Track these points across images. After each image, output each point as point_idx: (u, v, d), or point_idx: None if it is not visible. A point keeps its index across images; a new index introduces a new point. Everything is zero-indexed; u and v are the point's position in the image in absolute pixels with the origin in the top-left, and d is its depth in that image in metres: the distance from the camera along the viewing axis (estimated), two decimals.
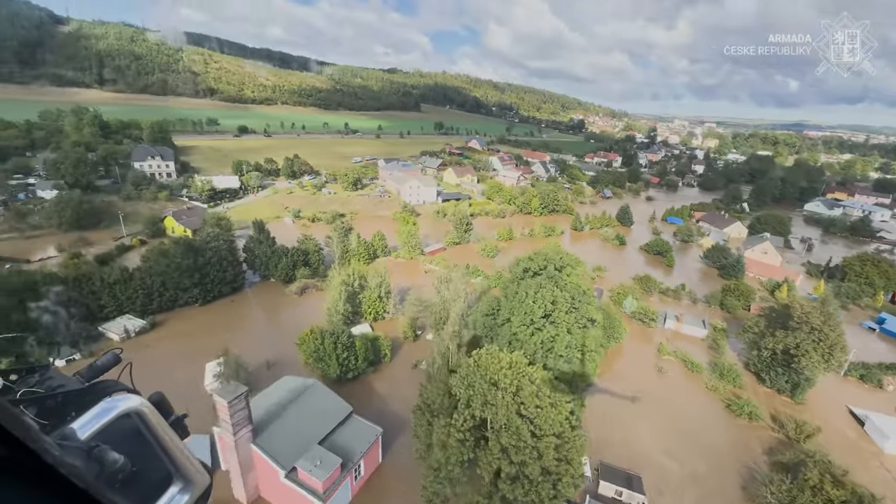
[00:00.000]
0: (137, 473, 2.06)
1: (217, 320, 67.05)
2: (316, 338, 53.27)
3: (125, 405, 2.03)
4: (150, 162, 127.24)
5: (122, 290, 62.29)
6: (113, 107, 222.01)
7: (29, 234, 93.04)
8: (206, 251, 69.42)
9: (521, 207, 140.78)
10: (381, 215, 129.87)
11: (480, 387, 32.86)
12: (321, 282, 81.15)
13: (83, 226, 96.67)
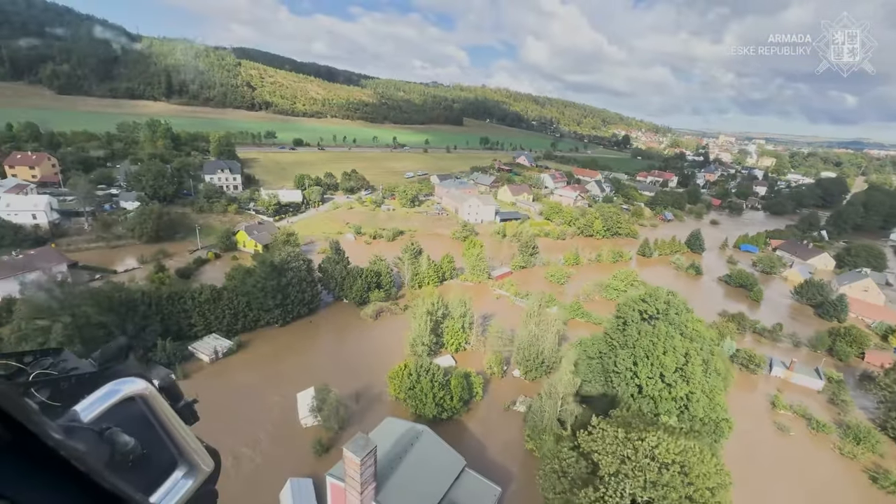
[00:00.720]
0: (148, 456, 2.11)
1: (298, 343, 66.12)
2: (410, 374, 50.84)
3: (129, 388, 2.03)
4: (219, 175, 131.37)
5: (210, 310, 62.39)
6: (179, 119, 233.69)
7: (114, 243, 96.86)
8: (287, 271, 69.01)
9: (581, 229, 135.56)
10: (439, 233, 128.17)
11: (638, 462, 28.93)
12: (393, 305, 79.43)
13: (161, 237, 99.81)
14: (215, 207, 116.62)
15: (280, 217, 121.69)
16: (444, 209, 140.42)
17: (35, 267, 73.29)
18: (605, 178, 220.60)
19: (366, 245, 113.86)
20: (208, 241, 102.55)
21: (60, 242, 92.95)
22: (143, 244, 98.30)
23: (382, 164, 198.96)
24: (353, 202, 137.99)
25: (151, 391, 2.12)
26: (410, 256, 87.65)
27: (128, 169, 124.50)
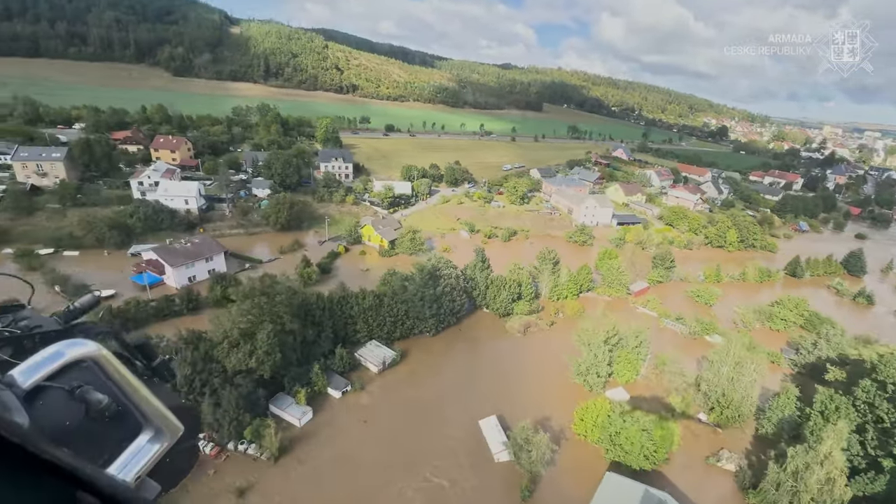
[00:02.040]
0: (124, 412, 2.03)
1: (454, 356, 63.99)
2: (608, 414, 46.25)
3: (76, 351, 1.85)
4: (333, 163, 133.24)
5: (373, 316, 61.58)
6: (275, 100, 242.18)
7: (251, 230, 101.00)
8: (440, 278, 66.68)
9: (710, 239, 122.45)
10: (553, 235, 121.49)
11: None
12: (538, 318, 75.11)
13: (290, 226, 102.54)
14: (334, 197, 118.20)
15: (393, 210, 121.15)
16: (556, 208, 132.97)
17: (203, 255, 77.18)
18: (716, 177, 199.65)
19: (481, 245, 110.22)
20: (332, 231, 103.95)
21: (207, 228, 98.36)
22: (276, 232, 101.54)
23: (476, 155, 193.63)
24: (460, 196, 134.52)
25: (103, 353, 1.95)
26: (549, 266, 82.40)
27: (254, 156, 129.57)
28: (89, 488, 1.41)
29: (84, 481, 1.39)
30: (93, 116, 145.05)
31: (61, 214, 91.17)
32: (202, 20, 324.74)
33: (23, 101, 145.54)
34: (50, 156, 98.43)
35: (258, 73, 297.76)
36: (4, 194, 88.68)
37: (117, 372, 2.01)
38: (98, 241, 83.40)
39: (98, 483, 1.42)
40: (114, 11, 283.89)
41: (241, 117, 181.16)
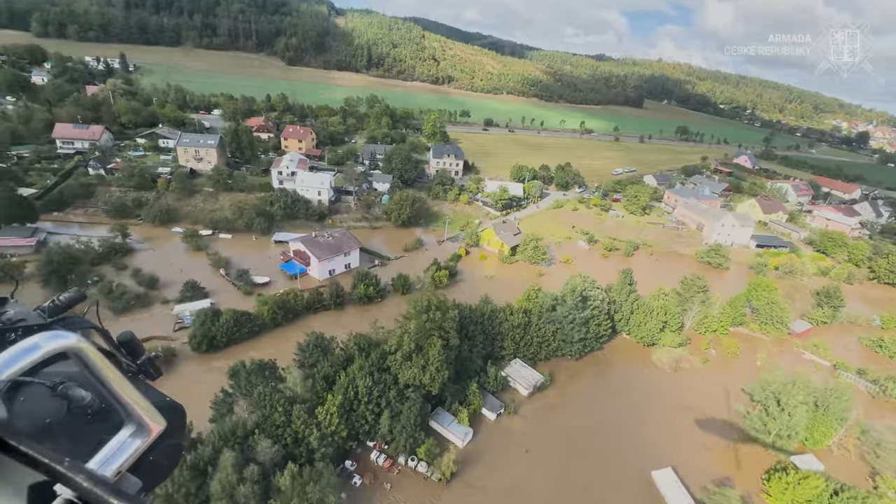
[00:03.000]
0: (107, 410, 2.02)
1: (604, 385, 59.74)
2: (816, 494, 39.40)
3: (54, 343, 1.80)
4: (445, 159, 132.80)
5: (520, 335, 59.08)
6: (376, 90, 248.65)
7: (374, 224, 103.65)
8: (589, 300, 62.30)
9: (879, 274, 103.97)
10: (680, 252, 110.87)
11: None
12: (685, 351, 68.04)
13: (409, 223, 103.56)
14: (448, 195, 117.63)
15: (506, 212, 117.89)
16: (682, 223, 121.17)
17: (343, 249, 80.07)
18: (869, 195, 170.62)
19: (602, 258, 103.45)
20: (449, 231, 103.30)
21: (335, 219, 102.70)
22: (396, 228, 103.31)
23: (580, 156, 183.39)
24: (574, 202, 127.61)
25: (84, 346, 1.91)
26: (696, 293, 74.20)
27: (372, 149, 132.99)
28: (67, 482, 1.42)
29: (62, 474, 1.41)
30: (229, 105, 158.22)
31: (214, 198, 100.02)
32: (311, 12, 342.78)
33: (175, 90, 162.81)
34: (206, 143, 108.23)
35: (361, 63, 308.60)
36: (172, 177, 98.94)
37: (98, 365, 1.96)
38: (247, 225, 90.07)
39: (76, 476, 1.43)
40: (240, 4, 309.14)
41: (352, 108, 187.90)
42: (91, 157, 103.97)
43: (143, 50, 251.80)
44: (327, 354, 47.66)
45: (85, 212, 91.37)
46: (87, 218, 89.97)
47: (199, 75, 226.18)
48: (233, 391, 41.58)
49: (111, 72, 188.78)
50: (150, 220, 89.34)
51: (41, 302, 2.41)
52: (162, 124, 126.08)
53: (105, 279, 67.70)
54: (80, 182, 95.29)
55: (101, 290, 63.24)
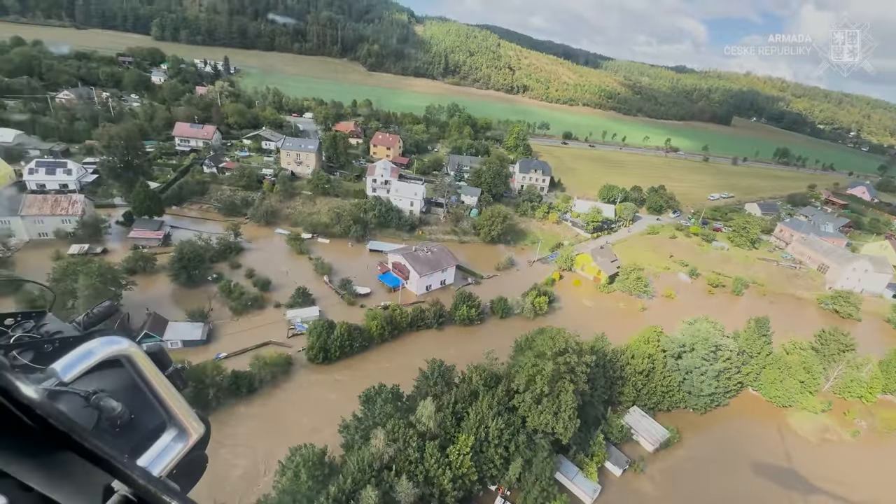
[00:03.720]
0: (136, 422, 2.12)
1: (739, 450, 53.25)
2: None
3: (113, 348, 1.93)
4: (531, 174, 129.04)
5: (643, 382, 54.10)
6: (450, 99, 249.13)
7: (462, 238, 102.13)
8: (720, 350, 55.91)
9: None
10: (797, 296, 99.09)
11: None
12: (831, 420, 59.34)
13: (496, 239, 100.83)
14: (536, 213, 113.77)
15: (596, 234, 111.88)
16: (800, 261, 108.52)
17: (441, 265, 79.01)
18: None
19: (707, 294, 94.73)
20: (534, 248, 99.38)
21: (425, 231, 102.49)
22: (483, 244, 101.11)
23: (670, 176, 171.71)
24: (671, 228, 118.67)
25: (137, 351, 2.03)
26: (838, 350, 64.79)
27: (459, 161, 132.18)
28: (124, 478, 1.51)
29: (120, 471, 1.50)
30: (321, 110, 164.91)
31: (312, 201, 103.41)
32: (393, 20, 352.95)
33: (273, 93, 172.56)
34: (306, 147, 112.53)
35: (438, 70, 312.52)
36: (276, 179, 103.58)
37: (148, 370, 2.07)
38: (344, 232, 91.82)
39: (132, 473, 1.53)
40: (328, 11, 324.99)
41: (433, 116, 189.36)
42: (206, 156, 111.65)
43: (242, 53, 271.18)
44: (451, 386, 45.78)
45: (200, 207, 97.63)
46: (200, 213, 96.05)
47: (290, 78, 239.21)
48: (365, 418, 40.72)
49: (218, 74, 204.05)
50: (256, 220, 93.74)
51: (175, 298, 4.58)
52: (265, 126, 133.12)
53: (224, 277, 71.17)
54: (196, 179, 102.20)
55: (222, 289, 66.31)
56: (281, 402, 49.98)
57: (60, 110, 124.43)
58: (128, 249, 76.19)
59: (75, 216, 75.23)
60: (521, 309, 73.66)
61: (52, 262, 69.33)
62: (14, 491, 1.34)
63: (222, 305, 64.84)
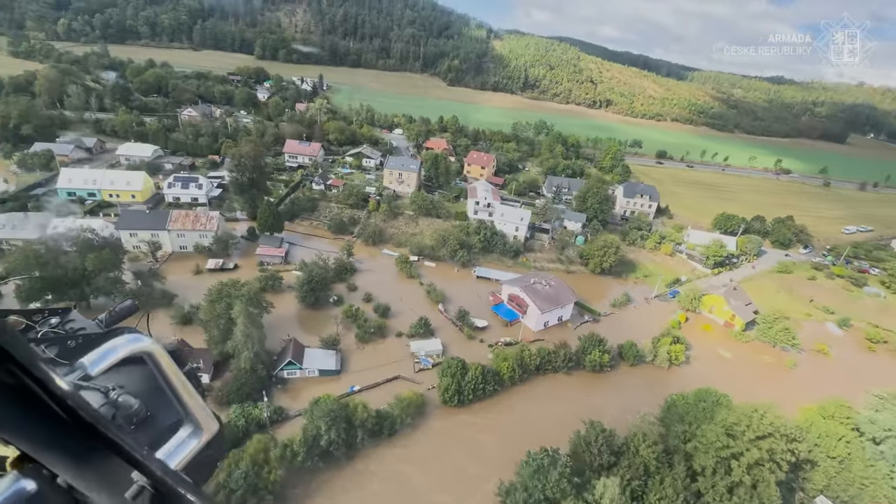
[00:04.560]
0: (152, 419, 2.22)
1: None
2: None
3: (138, 344, 2.04)
4: (637, 200, 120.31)
5: (836, 469, 45.21)
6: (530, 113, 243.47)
7: (568, 268, 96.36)
8: None
9: None
10: None
11: None
12: None
13: (605, 271, 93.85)
14: (647, 243, 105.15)
15: (718, 270, 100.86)
16: None
17: (561, 301, 74.24)
18: None
19: (868, 351, 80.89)
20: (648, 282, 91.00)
21: (529, 258, 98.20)
22: (591, 274, 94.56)
23: (788, 203, 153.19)
24: (806, 267, 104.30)
25: (159, 348, 2.13)
26: None
27: (558, 182, 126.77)
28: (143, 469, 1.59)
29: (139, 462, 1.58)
30: (412, 128, 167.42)
31: (415, 222, 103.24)
32: (472, 35, 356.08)
33: (366, 110, 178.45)
34: (408, 167, 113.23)
35: (517, 84, 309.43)
36: (381, 198, 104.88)
37: (169, 366, 2.15)
38: (450, 255, 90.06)
39: (152, 466, 1.61)
40: (411, 28, 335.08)
41: (520, 133, 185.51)
42: (314, 173, 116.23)
43: (331, 70, 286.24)
44: (617, 456, 40.65)
45: (310, 223, 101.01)
46: (310, 230, 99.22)
47: (376, 94, 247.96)
48: (533, 489, 36.82)
49: (316, 91, 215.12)
50: (363, 239, 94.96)
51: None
52: (366, 144, 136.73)
53: (343, 300, 71.67)
54: (306, 195, 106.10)
55: (346, 314, 66.39)
56: (430, 446, 47.72)
57: (188, 127, 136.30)
58: (254, 266, 79.91)
59: (212, 231, 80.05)
60: (652, 356, 66.63)
61: (193, 274, 74.73)
62: (41, 478, 1.42)
63: (346, 330, 64.78)
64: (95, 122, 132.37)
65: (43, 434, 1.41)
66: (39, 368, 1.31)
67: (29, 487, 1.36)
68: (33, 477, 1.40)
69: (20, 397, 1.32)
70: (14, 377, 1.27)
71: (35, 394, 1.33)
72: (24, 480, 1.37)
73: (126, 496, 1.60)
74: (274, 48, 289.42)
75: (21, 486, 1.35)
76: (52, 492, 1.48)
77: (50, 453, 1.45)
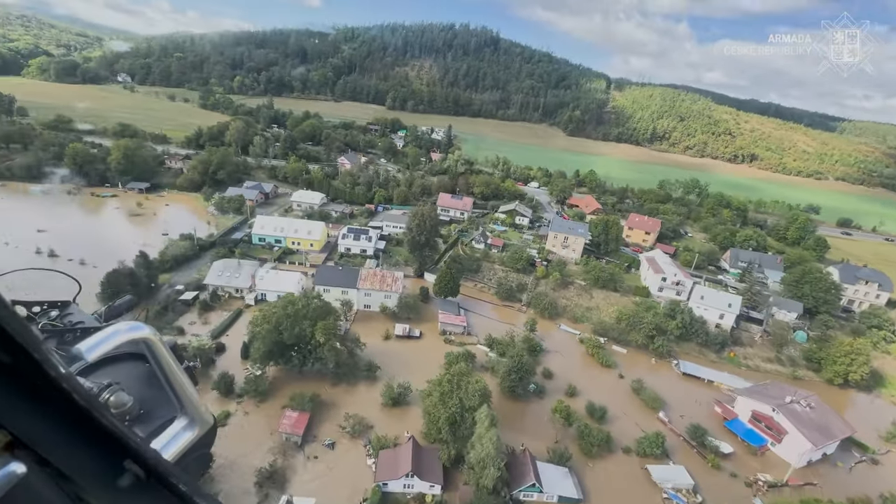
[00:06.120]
0: (146, 415, 2.22)
1: None
2: None
3: (134, 332, 2.00)
4: (861, 287, 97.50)
5: None
6: (660, 168, 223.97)
7: (791, 370, 77.86)
8: None
9: None
10: None
11: None
12: None
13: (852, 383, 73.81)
14: (891, 347, 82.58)
15: None
16: None
17: (833, 434, 57.75)
18: None
19: None
20: None
21: (737, 353, 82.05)
22: (828, 385, 75.09)
23: None
24: None
25: (157, 337, 2.10)
26: None
27: (755, 258, 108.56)
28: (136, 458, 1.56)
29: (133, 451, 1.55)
30: (550, 180, 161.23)
31: (588, 293, 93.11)
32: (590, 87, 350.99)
33: (503, 161, 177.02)
34: (576, 231, 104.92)
35: (644, 136, 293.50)
36: (549, 264, 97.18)
37: (166, 357, 2.14)
38: (644, 341, 77.70)
39: (146, 454, 1.58)
40: (530, 80, 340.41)
41: (665, 191, 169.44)
42: (471, 230, 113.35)
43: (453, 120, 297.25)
44: None
45: (474, 285, 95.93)
46: (475, 293, 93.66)
47: (500, 143, 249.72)
48: None
49: (450, 141, 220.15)
50: (535, 309, 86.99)
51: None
52: (518, 201, 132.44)
53: (542, 389, 62.95)
54: (468, 255, 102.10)
55: (558, 413, 57.19)
56: None
57: (346, 175, 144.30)
58: (436, 333, 75.41)
59: (396, 293, 77.90)
60: None
61: (382, 339, 71.92)
62: (32, 462, 1.39)
63: (560, 433, 55.37)
64: (270, 169, 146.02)
65: (35, 418, 1.39)
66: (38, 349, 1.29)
67: (19, 471, 1.32)
68: (24, 461, 1.36)
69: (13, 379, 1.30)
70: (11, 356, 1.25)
71: (28, 376, 1.31)
72: (15, 464, 1.33)
73: (119, 484, 1.58)
74: (403, 99, 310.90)
75: (11, 469, 1.30)
76: (43, 477, 1.44)
77: (42, 438, 1.42)
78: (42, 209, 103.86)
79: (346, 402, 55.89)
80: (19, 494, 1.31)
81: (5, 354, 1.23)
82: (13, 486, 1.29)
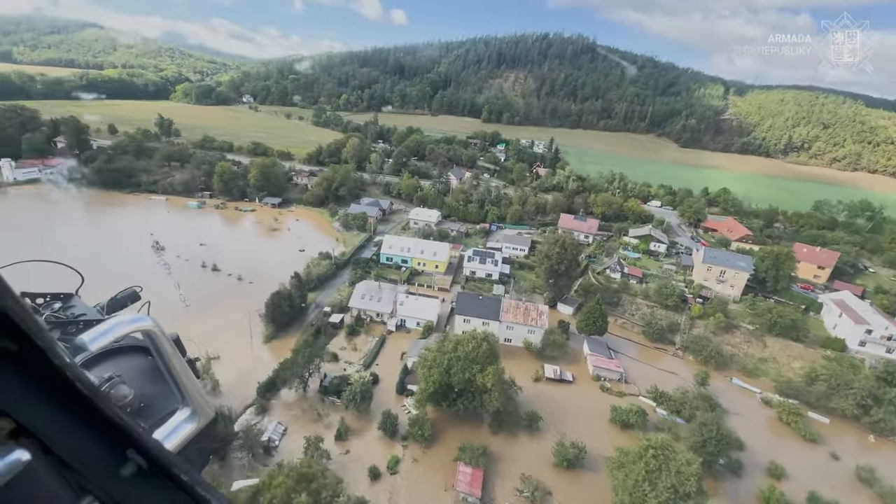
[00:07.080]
0: (146, 409, 2.24)
1: None
2: None
3: (137, 323, 2.03)
4: None
5: None
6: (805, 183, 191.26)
7: None
8: None
9: None
10: None
11: None
12: None
13: None
14: None
15: None
16: None
17: None
18: None
19: None
20: None
21: None
22: None
23: None
24: None
25: (160, 329, 2.12)
26: None
27: None
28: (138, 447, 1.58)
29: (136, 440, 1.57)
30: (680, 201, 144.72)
31: (759, 340, 78.74)
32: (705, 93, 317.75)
33: (619, 178, 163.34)
34: (734, 263, 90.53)
35: (776, 146, 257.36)
36: (705, 303, 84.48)
37: (168, 348, 2.15)
38: (856, 410, 62.57)
39: (148, 444, 1.60)
40: (634, 87, 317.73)
41: (822, 213, 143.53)
42: (601, 256, 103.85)
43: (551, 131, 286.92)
44: None
45: (614, 321, 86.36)
46: (618, 330, 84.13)
47: (603, 156, 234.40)
48: None
49: (557, 155, 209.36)
50: (695, 357, 75.29)
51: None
52: (650, 225, 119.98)
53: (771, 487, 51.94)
54: (603, 285, 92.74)
55: None
56: None
57: (459, 192, 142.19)
58: (587, 378, 67.80)
59: (542, 329, 71.67)
60: None
61: (532, 381, 66.21)
62: (36, 450, 1.40)
63: None
64: (385, 185, 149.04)
65: (40, 406, 1.40)
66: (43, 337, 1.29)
67: (23, 458, 1.33)
68: (28, 449, 1.38)
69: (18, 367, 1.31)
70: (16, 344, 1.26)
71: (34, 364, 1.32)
72: (19, 451, 1.34)
73: (121, 473, 1.58)
74: (499, 111, 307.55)
75: (16, 456, 1.32)
76: (46, 464, 1.46)
77: (46, 426, 1.43)
78: (199, 223, 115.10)
79: (512, 456, 50.58)
80: (23, 482, 1.33)
81: (11, 342, 1.25)
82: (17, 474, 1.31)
